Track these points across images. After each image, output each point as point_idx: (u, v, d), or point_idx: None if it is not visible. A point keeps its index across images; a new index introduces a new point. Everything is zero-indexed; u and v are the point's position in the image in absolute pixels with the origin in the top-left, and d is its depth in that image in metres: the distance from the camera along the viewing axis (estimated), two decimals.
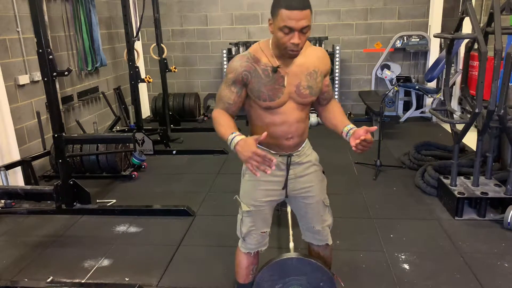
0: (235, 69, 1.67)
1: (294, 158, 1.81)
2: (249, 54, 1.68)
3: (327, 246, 2.01)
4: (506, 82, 2.79)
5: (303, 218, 1.95)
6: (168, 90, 5.65)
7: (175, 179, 4.18)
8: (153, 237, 3.05)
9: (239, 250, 2.01)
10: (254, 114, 1.76)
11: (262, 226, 1.89)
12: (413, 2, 6.13)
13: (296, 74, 1.68)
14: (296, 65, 1.68)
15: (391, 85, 5.92)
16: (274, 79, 1.65)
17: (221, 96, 1.73)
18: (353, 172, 4.19)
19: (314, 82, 1.71)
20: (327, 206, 1.94)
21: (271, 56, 1.67)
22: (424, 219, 3.19)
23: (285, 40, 1.55)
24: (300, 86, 1.69)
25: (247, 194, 1.87)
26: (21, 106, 4.05)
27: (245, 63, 1.66)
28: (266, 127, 1.72)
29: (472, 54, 3.42)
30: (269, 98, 1.66)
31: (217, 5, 6.43)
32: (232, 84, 1.69)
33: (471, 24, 2.82)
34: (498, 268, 2.53)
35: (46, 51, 3.00)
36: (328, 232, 1.98)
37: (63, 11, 4.77)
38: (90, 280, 2.56)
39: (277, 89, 1.66)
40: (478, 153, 3.19)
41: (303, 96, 1.70)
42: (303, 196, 1.88)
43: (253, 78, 1.66)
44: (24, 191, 3.24)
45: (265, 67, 1.66)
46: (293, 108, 1.71)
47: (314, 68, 1.71)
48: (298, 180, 1.85)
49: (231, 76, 1.68)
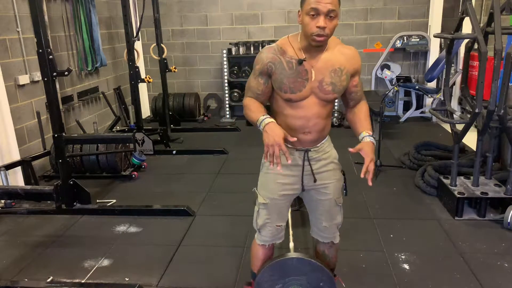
0: (261, 60, 1.72)
1: (311, 153, 1.82)
2: (276, 46, 1.72)
3: (332, 245, 2.01)
4: (506, 82, 2.79)
5: (313, 212, 1.96)
6: (168, 90, 5.65)
7: (175, 179, 4.18)
8: (153, 237, 3.05)
9: (255, 242, 2.03)
10: (276, 104, 1.79)
11: (277, 219, 1.91)
12: (413, 2, 6.12)
13: (321, 69, 1.69)
14: (322, 60, 1.69)
15: (391, 85, 5.92)
16: (297, 72, 1.67)
17: (250, 86, 1.78)
18: (353, 172, 4.18)
19: (338, 79, 1.71)
20: (339, 205, 1.93)
21: (298, 49, 1.69)
22: (424, 219, 3.19)
23: (312, 25, 1.58)
24: (323, 82, 1.69)
25: (264, 187, 1.88)
26: (21, 106, 4.05)
27: (271, 54, 1.70)
28: (285, 118, 1.75)
29: (472, 54, 3.42)
30: (290, 90, 1.68)
31: (217, 5, 6.43)
32: (259, 75, 1.74)
33: (471, 24, 2.82)
34: (498, 268, 2.53)
35: (46, 51, 3.00)
36: (336, 230, 1.98)
37: (63, 11, 4.77)
38: (90, 280, 2.56)
39: (300, 82, 1.68)
40: (478, 153, 3.19)
41: (325, 92, 1.71)
42: (317, 192, 1.88)
43: (277, 70, 1.69)
44: (24, 191, 3.24)
45: (290, 59, 1.68)
46: (314, 104, 1.72)
47: (339, 66, 1.71)
48: (316, 175, 1.84)
49: (258, 67, 1.73)
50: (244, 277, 2.49)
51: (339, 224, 1.98)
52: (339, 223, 1.97)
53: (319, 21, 1.56)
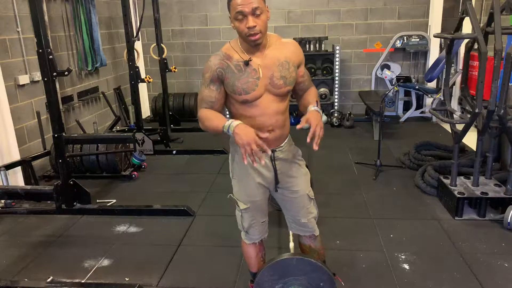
0: (210, 68, 1.75)
1: (277, 153, 1.86)
2: (221, 53, 1.76)
3: (315, 237, 2.05)
4: (506, 82, 2.79)
5: (289, 211, 2.00)
6: (168, 90, 5.65)
7: (175, 179, 4.18)
8: (153, 237, 3.05)
9: (244, 243, 2.07)
10: (234, 110, 1.82)
11: (261, 217, 1.98)
12: (413, 2, 6.12)
13: (268, 66, 1.74)
14: (267, 57, 1.74)
15: (391, 85, 5.92)
16: (247, 72, 1.71)
17: (202, 97, 1.79)
18: (353, 172, 4.19)
19: (287, 72, 1.76)
20: (312, 199, 1.99)
21: (242, 52, 1.74)
22: (424, 219, 3.19)
23: (243, 27, 1.63)
24: (274, 77, 1.74)
25: (242, 192, 1.93)
26: (21, 106, 4.05)
27: (218, 60, 1.74)
28: (247, 120, 1.76)
29: (472, 54, 3.42)
30: (244, 91, 1.71)
31: (217, 5, 6.43)
32: (210, 82, 1.76)
33: (471, 24, 2.82)
34: (498, 268, 2.53)
35: (46, 51, 3.00)
36: (314, 223, 2.02)
37: (63, 11, 4.77)
38: (90, 280, 2.56)
39: (251, 82, 1.71)
40: (478, 153, 3.19)
41: (277, 86, 1.75)
42: (288, 190, 1.93)
43: (227, 74, 1.72)
44: (24, 191, 3.25)
45: (237, 63, 1.73)
46: (270, 100, 1.76)
47: (285, 59, 1.76)
48: (284, 175, 1.90)
49: (208, 76, 1.75)
50: (244, 277, 2.49)
51: (316, 216, 2.02)
52: (316, 215, 2.02)
53: (248, 21, 1.61)
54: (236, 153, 1.91)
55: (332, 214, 3.26)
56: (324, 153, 4.64)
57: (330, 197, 3.58)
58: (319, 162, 4.41)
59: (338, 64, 6.04)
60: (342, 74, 6.36)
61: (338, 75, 6.12)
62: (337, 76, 6.11)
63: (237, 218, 2.01)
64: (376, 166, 4.08)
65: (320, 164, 4.35)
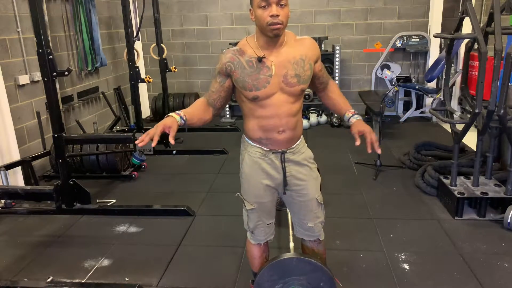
0: (220, 61, 1.76)
1: (288, 155, 1.84)
2: (236, 48, 1.75)
3: (320, 242, 2.04)
4: (506, 82, 2.79)
5: (296, 214, 1.98)
6: (168, 90, 5.65)
7: (175, 179, 4.18)
8: (153, 237, 3.05)
9: (249, 243, 2.06)
10: (246, 108, 1.80)
11: (267, 218, 1.96)
12: (413, 2, 6.12)
13: (282, 63, 1.71)
14: (282, 55, 1.72)
15: (391, 85, 5.92)
16: (258, 69, 1.70)
17: (209, 87, 1.83)
18: (353, 172, 4.19)
19: (301, 70, 1.73)
20: (320, 203, 1.96)
21: (257, 48, 1.72)
22: (424, 219, 3.19)
23: (265, 16, 1.60)
24: (288, 75, 1.72)
25: (249, 192, 1.90)
26: (21, 106, 4.05)
27: (230, 55, 1.74)
28: (257, 120, 1.76)
29: (472, 54, 3.42)
30: (254, 87, 1.70)
31: (217, 5, 6.43)
32: (217, 74, 1.78)
33: (471, 24, 2.82)
34: (498, 268, 2.53)
35: (46, 51, 3.00)
36: (321, 228, 2.01)
37: (63, 11, 4.77)
38: (90, 280, 2.56)
39: (263, 78, 1.70)
40: (478, 153, 3.19)
41: (291, 85, 1.73)
42: (297, 194, 1.90)
43: (236, 69, 1.71)
44: (24, 191, 3.24)
45: (250, 58, 1.71)
46: (283, 101, 1.74)
47: (301, 56, 1.74)
48: (293, 177, 1.87)
49: (218, 67, 1.77)
50: (244, 277, 2.49)
51: (323, 221, 2.01)
52: (323, 220, 2.00)
53: (272, 10, 1.59)
54: (246, 152, 1.89)
55: (332, 214, 3.25)
56: (324, 153, 4.64)
57: (330, 197, 3.58)
58: (319, 162, 4.39)
59: (338, 64, 6.04)
60: (342, 74, 6.36)
61: (338, 75, 6.12)
62: (337, 76, 6.11)
63: (244, 218, 1.99)
64: (376, 166, 4.08)
65: (320, 164, 4.31)
